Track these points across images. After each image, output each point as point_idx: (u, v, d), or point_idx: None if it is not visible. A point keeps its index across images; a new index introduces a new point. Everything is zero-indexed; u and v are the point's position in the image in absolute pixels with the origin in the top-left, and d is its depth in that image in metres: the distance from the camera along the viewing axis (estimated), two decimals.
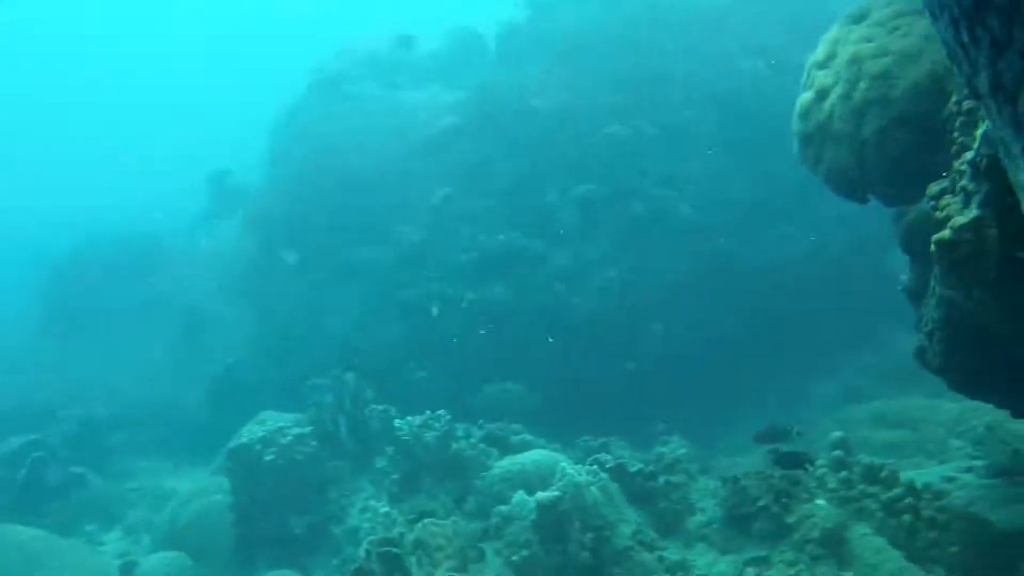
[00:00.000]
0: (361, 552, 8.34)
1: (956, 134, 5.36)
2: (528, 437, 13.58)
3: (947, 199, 5.19)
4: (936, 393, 16.73)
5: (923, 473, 10.95)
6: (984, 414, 14.20)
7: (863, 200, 7.03)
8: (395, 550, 8.36)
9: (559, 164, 18.71)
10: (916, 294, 8.35)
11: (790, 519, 8.87)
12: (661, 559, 9.05)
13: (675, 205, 18.09)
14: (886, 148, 6.04)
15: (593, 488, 8.93)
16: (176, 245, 24.52)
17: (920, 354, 7.56)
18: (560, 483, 9.07)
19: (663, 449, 13.08)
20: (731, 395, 18.05)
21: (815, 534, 8.54)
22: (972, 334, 6.67)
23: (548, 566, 8.60)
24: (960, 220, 4.79)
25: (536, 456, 11.54)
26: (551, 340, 16.16)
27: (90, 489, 15.98)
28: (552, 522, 8.64)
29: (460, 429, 13.60)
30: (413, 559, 8.46)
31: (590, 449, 13.84)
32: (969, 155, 4.87)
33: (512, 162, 18.89)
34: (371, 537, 8.64)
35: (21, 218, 38.51)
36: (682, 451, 13.17)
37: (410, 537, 8.88)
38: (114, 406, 21.17)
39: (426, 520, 8.98)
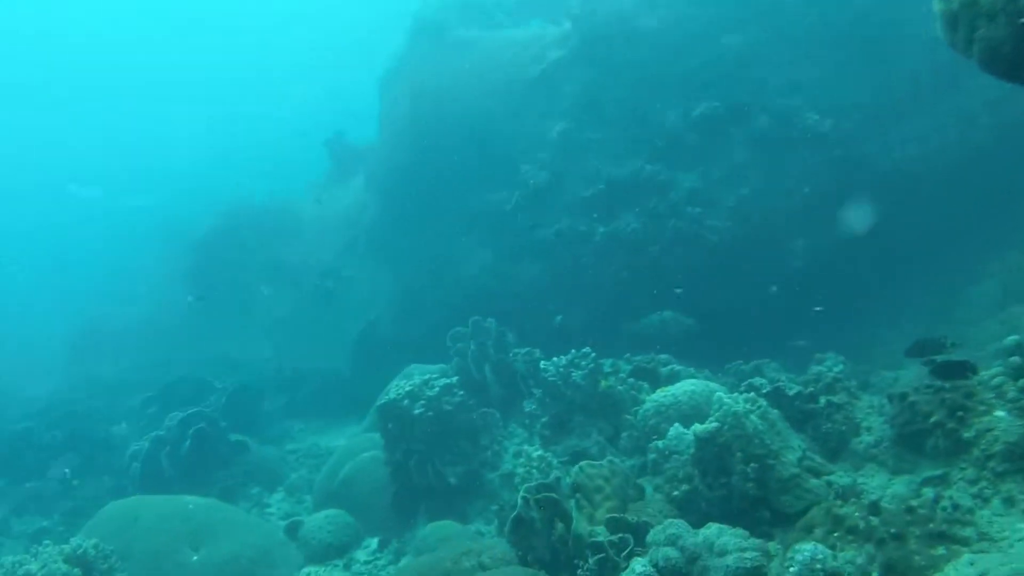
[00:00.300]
0: (519, 500, 8.25)
1: None
2: (677, 367, 13.29)
3: None
4: None
5: None
6: None
7: (1021, 80, 6.38)
8: (553, 495, 8.26)
9: (675, 84, 18.06)
10: None
11: (967, 434, 8.38)
12: (830, 484, 8.70)
13: (800, 113, 17.27)
14: None
15: (752, 416, 8.61)
16: (304, 210, 24.87)
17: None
18: (717, 413, 8.78)
19: (820, 368, 12.66)
20: (884, 305, 17.38)
21: (997, 448, 8.04)
22: None
23: (712, 500, 8.38)
24: None
25: (688, 386, 11.25)
26: (679, 291, 15.74)
27: (251, 455, 16.47)
28: (712, 455, 8.39)
29: (608, 364, 13.44)
30: (572, 503, 8.34)
31: (742, 374, 13.52)
32: None
33: (626, 88, 18.32)
34: (527, 484, 8.55)
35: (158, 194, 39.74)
36: (839, 368, 12.74)
37: (567, 481, 8.77)
38: (263, 373, 21.78)
39: (582, 463, 8.84)
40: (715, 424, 8.41)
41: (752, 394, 9.06)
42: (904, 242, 17.11)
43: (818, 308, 14.85)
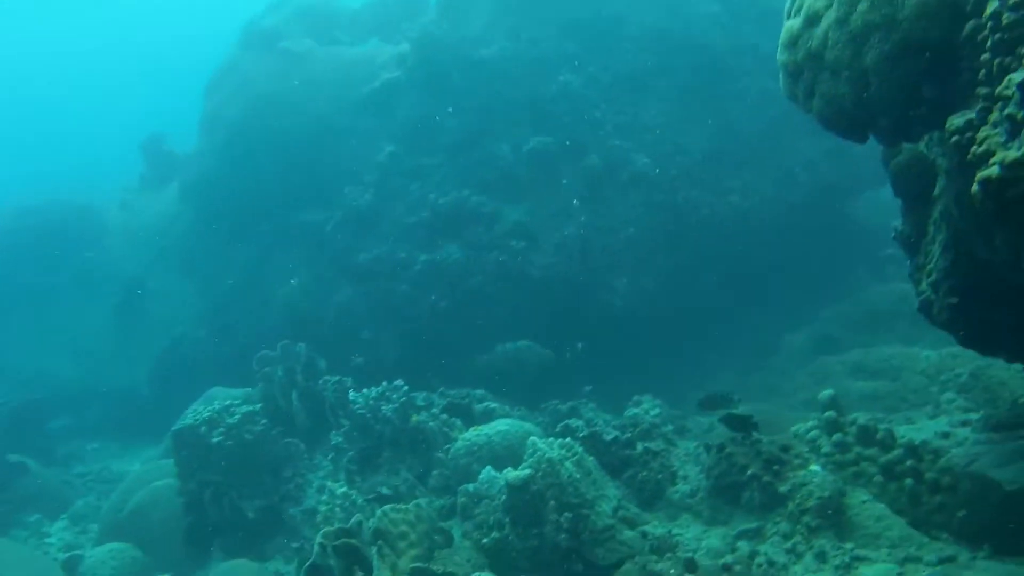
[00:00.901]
0: (315, 546, 7.55)
1: (988, 55, 4.66)
2: (492, 405, 12.87)
3: (985, 131, 4.50)
4: (912, 340, 16.39)
5: (917, 429, 10.46)
6: (965, 361, 13.82)
7: (862, 138, 6.32)
8: (353, 542, 7.62)
9: (509, 117, 17.82)
10: (910, 241, 7.73)
11: (783, 488, 8.26)
12: (645, 535, 8.42)
13: (632, 156, 17.33)
14: (892, 77, 5.32)
15: (567, 463, 8.22)
16: (111, 215, 23.17)
17: (925, 308, 6.94)
18: (531, 459, 8.35)
19: (636, 411, 12.49)
20: (700, 350, 17.55)
21: (811, 503, 7.93)
22: (988, 285, 6.07)
23: (523, 550, 7.92)
24: (1012, 155, 4.09)
25: (502, 426, 10.82)
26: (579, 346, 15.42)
27: (32, 478, 14.96)
28: (524, 503, 7.94)
29: (420, 399, 12.89)
30: (374, 550, 7.71)
31: (559, 414, 13.20)
32: (1017, 77, 4.16)
33: (459, 116, 17.95)
34: (326, 529, 7.84)
35: None
36: (655, 412, 12.61)
37: (370, 525, 8.11)
38: (53, 389, 20.06)
39: (385, 507, 8.21)
40: (528, 471, 7.97)
41: (568, 439, 8.68)
42: (725, 289, 17.39)
43: (579, 345, 14.87)
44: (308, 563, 7.50)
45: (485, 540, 8.38)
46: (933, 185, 7.00)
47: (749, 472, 8.45)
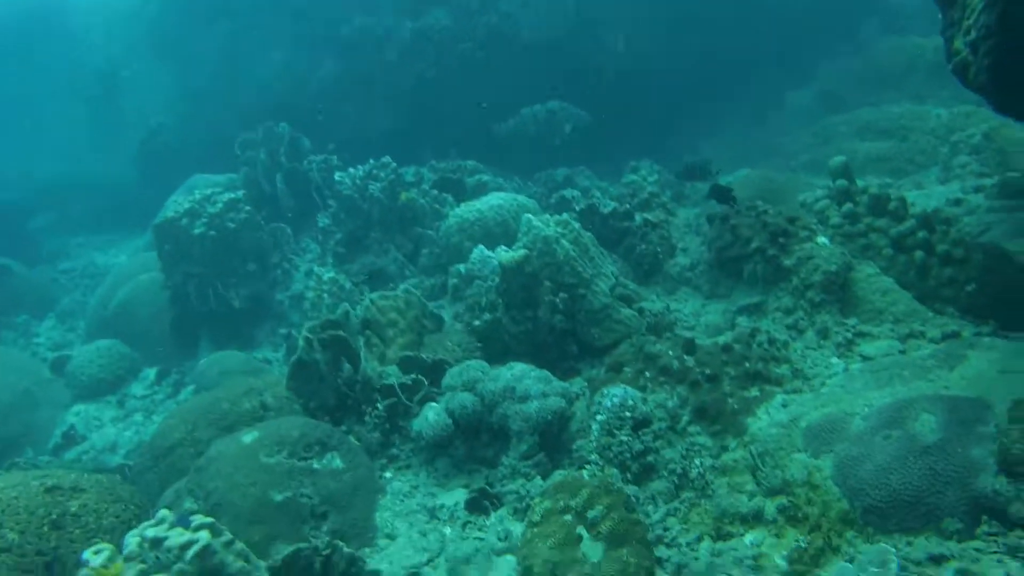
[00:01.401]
0: (300, 340, 7.23)
1: None
2: (485, 177, 12.35)
3: None
4: (923, 97, 15.62)
5: (927, 195, 9.98)
6: (978, 120, 13.13)
7: None
8: (340, 333, 7.30)
9: None
10: None
11: (787, 261, 7.84)
12: (642, 311, 8.09)
13: None
14: None
15: (564, 241, 7.78)
16: (78, 3, 21.65)
17: (960, 69, 6.22)
18: (526, 238, 7.91)
19: (634, 177, 12.00)
20: (702, 108, 16.80)
21: (816, 278, 7.54)
22: None
23: (516, 334, 7.60)
24: None
25: (495, 200, 10.32)
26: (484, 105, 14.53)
27: (15, 278, 14.62)
28: (519, 285, 7.53)
29: (410, 173, 12.38)
30: (361, 340, 7.40)
31: (554, 183, 12.73)
32: None
33: None
34: (311, 322, 7.50)
35: None
36: (653, 178, 12.11)
37: (357, 314, 7.79)
38: (35, 190, 19.45)
39: (374, 295, 7.85)
40: (523, 251, 7.52)
41: (564, 215, 8.18)
42: (727, 44, 16.43)
43: (483, 105, 14.25)
44: (294, 358, 7.20)
45: (477, 322, 8.06)
46: None
47: (753, 245, 8.00)
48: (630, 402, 6.27)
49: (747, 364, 6.64)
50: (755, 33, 16.62)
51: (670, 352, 6.73)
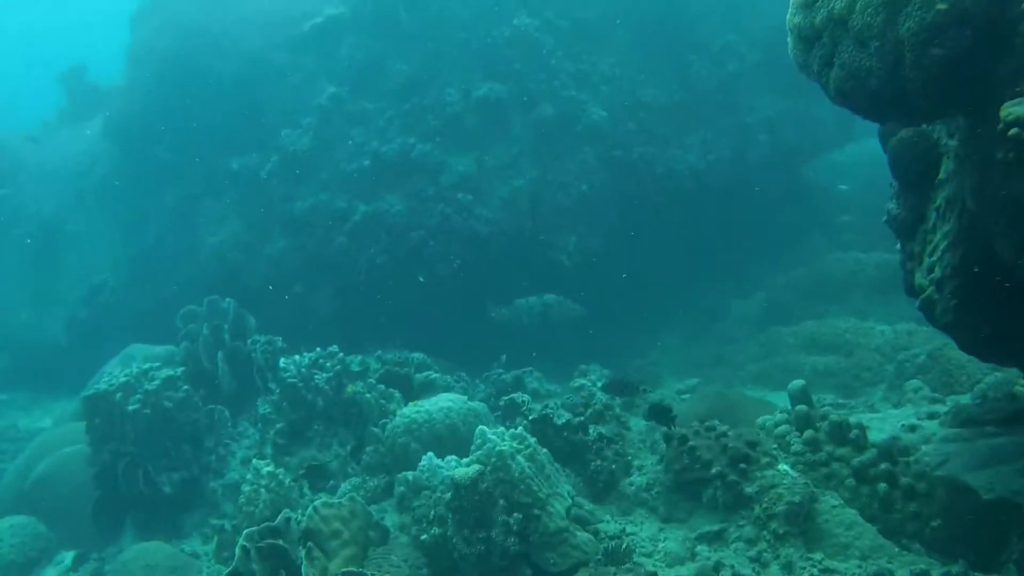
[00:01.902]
0: (237, 550, 6.73)
1: None
2: (434, 375, 12.07)
3: None
4: (866, 313, 15.93)
5: (881, 418, 9.92)
6: (921, 339, 13.36)
7: (882, 117, 5.59)
8: (280, 543, 6.82)
9: (459, 62, 16.80)
10: (906, 226, 7.05)
11: (749, 488, 7.62)
12: (597, 534, 7.76)
13: (587, 107, 16.47)
14: (931, 53, 4.53)
15: (520, 458, 7.47)
16: (26, 152, 21.49)
17: (926, 307, 6.26)
18: (479, 452, 7.58)
19: (584, 381, 11.84)
20: (650, 312, 16.94)
21: (779, 508, 7.29)
22: (1004, 289, 5.41)
23: (468, 555, 7.17)
24: None
25: (445, 403, 10.03)
26: (422, 280, 14.59)
27: None
28: (472, 504, 7.16)
29: (355, 362, 12.08)
30: (303, 552, 6.91)
31: (502, 385, 12.49)
32: None
33: (406, 59, 16.87)
34: (249, 529, 7.00)
35: None
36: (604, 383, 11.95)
37: (299, 521, 7.31)
38: None
39: (317, 503, 7.39)
40: (476, 467, 7.19)
41: (520, 429, 7.90)
42: (677, 251, 16.75)
43: (421, 279, 14.40)
44: (228, 571, 6.67)
45: (424, 536, 7.63)
46: (936, 167, 6.31)
47: (714, 470, 7.78)
48: None
49: None
50: (704, 241, 16.99)
51: None
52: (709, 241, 17.08)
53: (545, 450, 7.94)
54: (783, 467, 7.79)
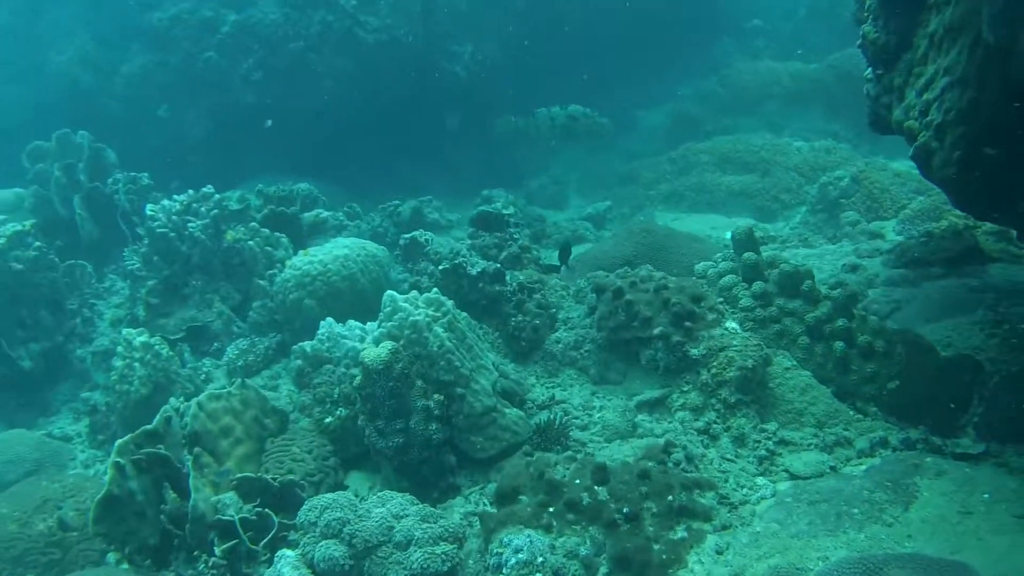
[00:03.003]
0: (109, 468, 5.61)
1: None
2: (324, 213, 10.80)
3: None
4: (779, 126, 15.15)
5: (819, 255, 9.24)
6: (839, 157, 12.73)
7: None
8: (161, 450, 5.76)
9: None
10: (886, 52, 6.04)
11: (695, 350, 6.83)
12: (524, 404, 6.95)
13: None
14: None
15: (438, 328, 6.47)
16: None
17: (922, 156, 5.32)
18: (390, 322, 6.54)
19: (489, 209, 10.80)
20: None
21: (731, 374, 6.55)
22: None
23: (384, 449, 6.21)
24: None
25: (340, 249, 8.86)
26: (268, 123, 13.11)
27: None
28: (386, 390, 6.15)
29: (234, 199, 10.70)
30: (190, 459, 5.85)
31: (400, 219, 11.37)
32: None
33: None
34: (121, 440, 5.85)
35: None
36: (511, 211, 10.98)
37: (181, 422, 6.19)
38: None
39: (201, 398, 6.26)
40: (388, 345, 6.14)
41: (435, 292, 6.81)
42: (577, 59, 15.50)
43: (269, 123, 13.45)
44: (101, 495, 5.57)
45: (329, 420, 6.67)
46: None
47: (656, 330, 6.94)
48: (538, 559, 5.08)
49: (670, 497, 5.56)
50: (605, 47, 15.77)
51: (577, 481, 5.57)
52: (612, 48, 15.86)
53: (464, 314, 6.96)
54: (731, 324, 7.02)
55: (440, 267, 8.14)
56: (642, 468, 5.71)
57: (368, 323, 7.20)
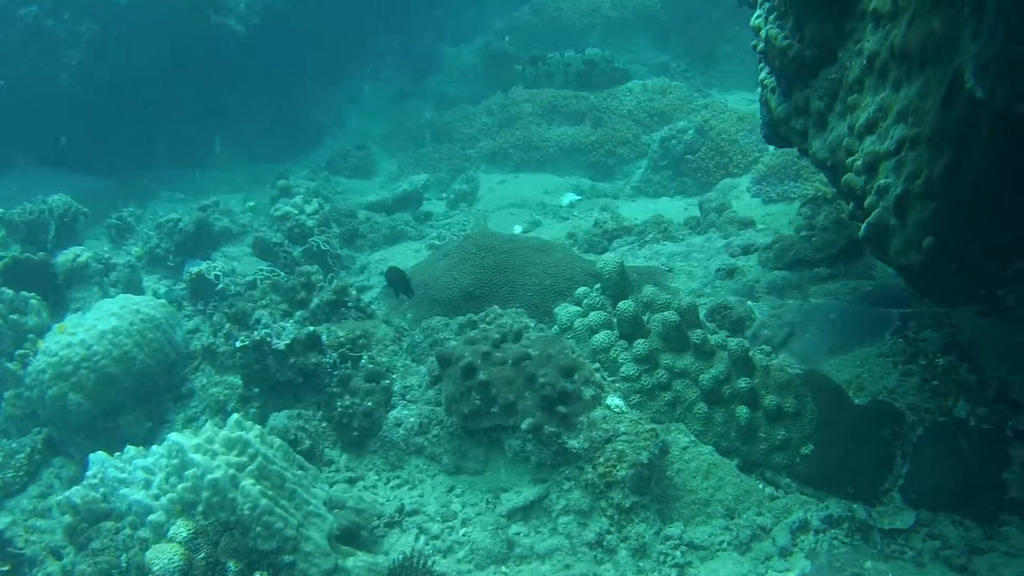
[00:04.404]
0: None
1: None
2: (84, 256, 8.53)
3: None
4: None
5: (683, 254, 8.03)
6: (676, 100, 11.50)
7: None
8: None
9: None
10: (798, 64, 4.66)
11: (574, 441, 5.47)
12: (375, 538, 5.47)
13: None
14: None
15: (246, 482, 4.82)
16: None
17: (875, 236, 3.97)
18: (183, 487, 4.81)
19: (288, 208, 9.04)
20: (347, 69, 14.00)
21: (622, 472, 5.26)
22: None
23: None
24: None
25: (108, 321, 6.89)
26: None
27: None
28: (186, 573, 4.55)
29: None
30: None
31: (184, 237, 9.40)
32: None
33: None
34: None
35: None
36: (312, 207, 9.35)
37: None
38: None
39: None
40: (183, 534, 4.50)
41: (236, 430, 5.09)
42: None
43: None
44: None
45: None
46: None
47: (525, 423, 5.51)
48: None
49: None
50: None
51: None
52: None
53: (278, 442, 5.31)
54: (614, 401, 5.68)
55: (238, 344, 6.39)
56: None
57: (150, 449, 5.48)
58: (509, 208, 10.90)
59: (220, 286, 7.97)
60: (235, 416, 5.17)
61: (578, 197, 10.95)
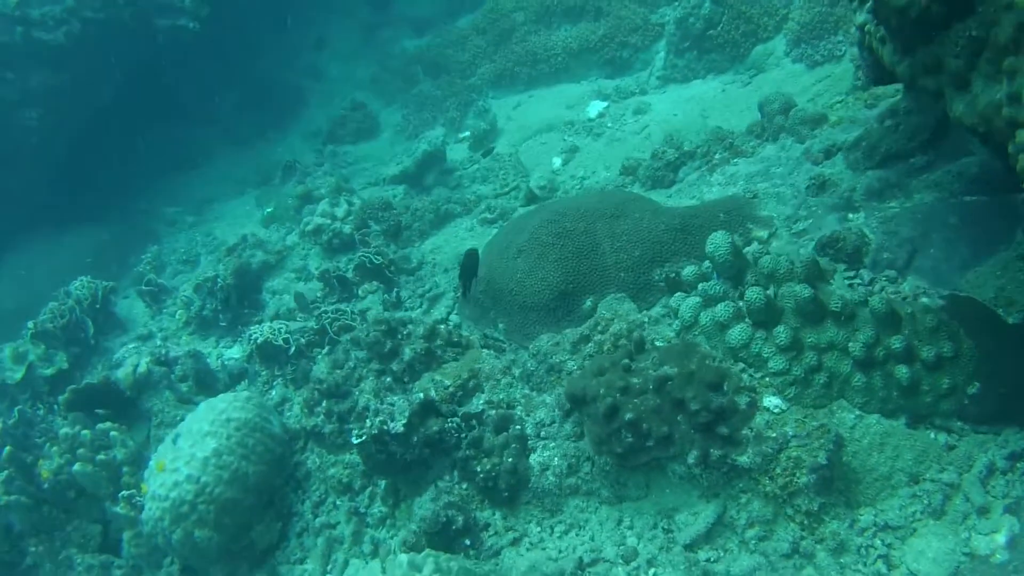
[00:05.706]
0: None
1: None
2: (141, 361, 8.03)
3: None
4: None
5: (766, 174, 7.53)
6: None
7: None
8: None
9: None
10: (926, 19, 4.06)
11: (743, 458, 5.15)
12: None
13: None
14: None
15: None
16: None
17: None
18: None
19: (320, 220, 8.57)
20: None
21: (802, 480, 5.00)
22: None
23: None
24: None
25: (204, 444, 6.57)
26: None
27: None
28: None
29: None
30: None
31: (227, 294, 8.97)
32: None
33: None
34: None
35: None
36: (347, 214, 8.94)
37: None
38: None
39: None
40: None
41: (403, 565, 4.83)
42: None
43: None
44: None
45: None
46: None
47: (691, 457, 5.21)
48: None
49: None
50: None
51: None
52: None
53: (456, 565, 5.08)
54: (771, 401, 5.35)
55: (355, 440, 6.08)
56: None
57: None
58: (536, 137, 10.29)
59: (292, 349, 7.61)
60: (404, 558, 4.93)
61: (605, 103, 10.31)
